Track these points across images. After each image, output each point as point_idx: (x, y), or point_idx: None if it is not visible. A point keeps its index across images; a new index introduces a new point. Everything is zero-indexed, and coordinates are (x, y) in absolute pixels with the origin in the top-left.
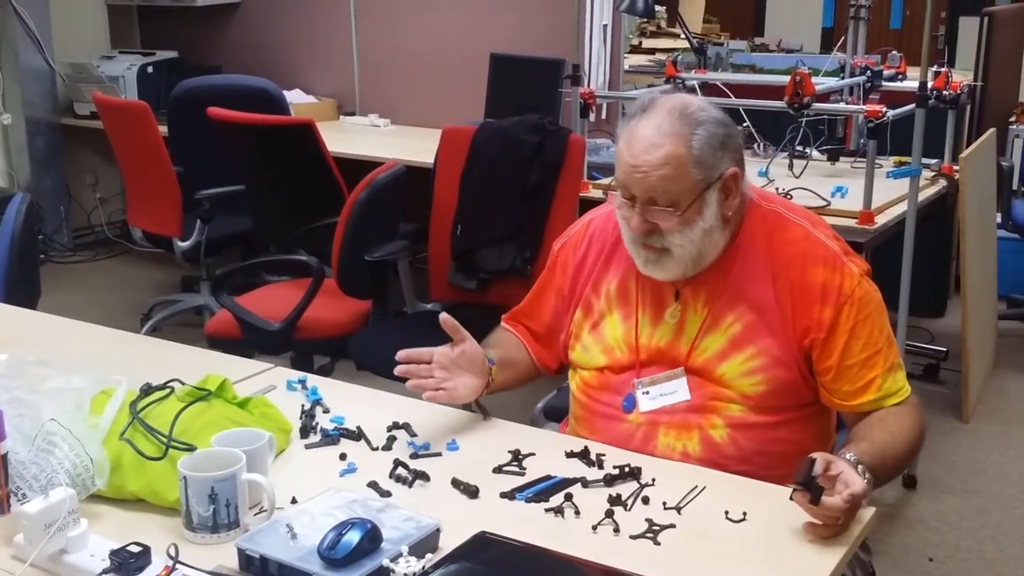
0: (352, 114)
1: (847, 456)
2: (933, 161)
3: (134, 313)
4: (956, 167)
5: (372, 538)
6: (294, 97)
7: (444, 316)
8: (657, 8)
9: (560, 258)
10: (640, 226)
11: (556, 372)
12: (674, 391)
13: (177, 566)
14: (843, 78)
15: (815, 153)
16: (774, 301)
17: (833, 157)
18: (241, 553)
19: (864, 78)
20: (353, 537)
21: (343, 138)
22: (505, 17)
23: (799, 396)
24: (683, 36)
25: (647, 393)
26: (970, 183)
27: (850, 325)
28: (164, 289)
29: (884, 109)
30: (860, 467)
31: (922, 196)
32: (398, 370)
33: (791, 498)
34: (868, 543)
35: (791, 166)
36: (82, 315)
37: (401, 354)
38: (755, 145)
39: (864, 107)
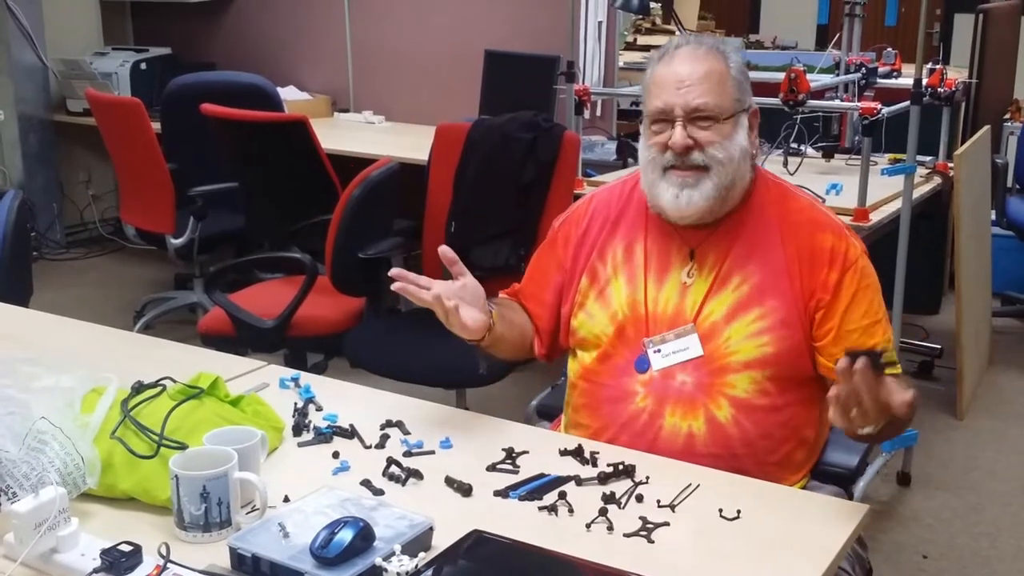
0: (346, 111)
1: None
2: (928, 158)
3: (127, 310)
4: (951, 164)
5: (365, 537)
6: (288, 94)
7: (443, 248)
8: (652, 5)
9: (562, 233)
10: (682, 140)
11: (549, 359)
12: (686, 347)
13: (168, 565)
14: (838, 75)
15: (810, 150)
16: (783, 263)
17: (828, 154)
18: (233, 552)
19: (859, 75)
20: (346, 536)
21: (337, 135)
22: (499, 13)
23: (802, 366)
24: (678, 33)
25: (659, 351)
26: (964, 180)
27: (852, 290)
28: (157, 286)
29: (879, 106)
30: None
31: (917, 193)
32: (395, 286)
33: (849, 359)
34: (863, 538)
35: (786, 163)
36: (75, 312)
37: (395, 272)
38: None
39: (859, 104)
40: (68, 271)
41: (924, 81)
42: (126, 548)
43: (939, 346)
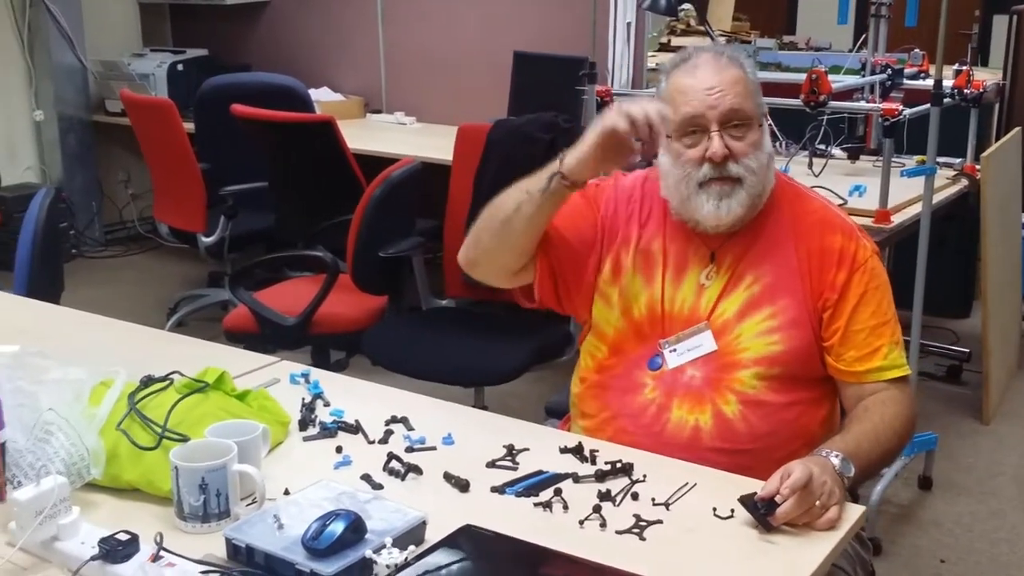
0: (378, 112)
1: (821, 453)
2: (957, 160)
3: (161, 307)
4: (978, 166)
5: (355, 529)
6: (322, 95)
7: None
8: (685, 6)
9: (601, 193)
10: (721, 149)
11: (530, 301)
12: (700, 344)
13: (163, 553)
14: (864, 76)
15: (836, 151)
16: (795, 264)
17: (853, 156)
18: (228, 542)
19: (884, 76)
20: (336, 528)
21: (368, 135)
22: (528, 16)
23: (811, 366)
24: (707, 33)
25: (674, 351)
26: (992, 182)
27: (860, 291)
28: (192, 284)
29: (900, 107)
30: (835, 456)
31: (942, 195)
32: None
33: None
34: (866, 539)
35: (811, 164)
36: (110, 309)
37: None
38: (777, 143)
39: (880, 105)
40: (106, 268)
41: (950, 83)
42: (124, 537)
43: (967, 350)
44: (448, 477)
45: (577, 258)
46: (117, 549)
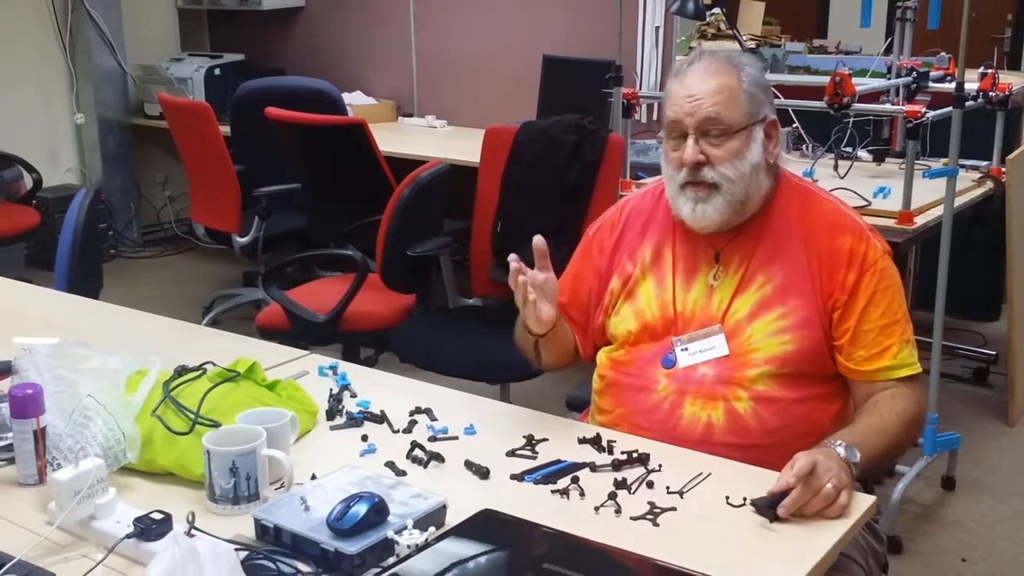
0: (410, 115)
1: (827, 444)
2: (984, 163)
3: (196, 306)
4: (1004, 169)
5: (378, 511)
6: (355, 99)
7: (537, 240)
8: (715, 10)
9: (597, 239)
10: (693, 156)
11: (592, 358)
12: (712, 347)
13: (195, 532)
14: (889, 79)
15: (863, 154)
16: (805, 264)
17: (879, 158)
18: (257, 523)
19: (910, 79)
20: (360, 509)
21: (399, 138)
22: (558, 20)
23: (822, 364)
24: (735, 37)
25: (686, 350)
26: (1017, 185)
27: (870, 291)
28: (226, 283)
29: (923, 109)
30: (839, 445)
31: (967, 198)
32: (513, 267)
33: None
34: (880, 532)
35: (836, 166)
36: (146, 308)
37: (513, 257)
38: (804, 146)
39: (903, 107)
40: (143, 269)
41: (975, 85)
42: (157, 516)
43: (994, 352)
44: (469, 465)
45: (600, 315)
46: (151, 527)
